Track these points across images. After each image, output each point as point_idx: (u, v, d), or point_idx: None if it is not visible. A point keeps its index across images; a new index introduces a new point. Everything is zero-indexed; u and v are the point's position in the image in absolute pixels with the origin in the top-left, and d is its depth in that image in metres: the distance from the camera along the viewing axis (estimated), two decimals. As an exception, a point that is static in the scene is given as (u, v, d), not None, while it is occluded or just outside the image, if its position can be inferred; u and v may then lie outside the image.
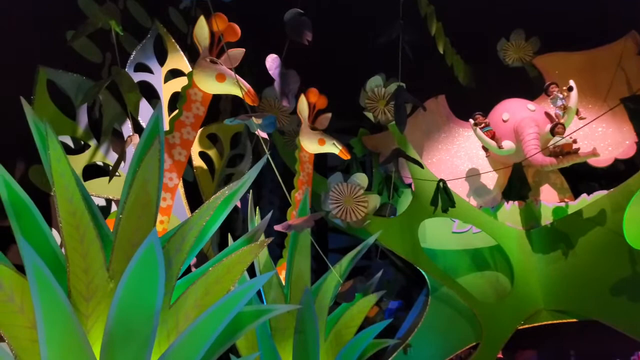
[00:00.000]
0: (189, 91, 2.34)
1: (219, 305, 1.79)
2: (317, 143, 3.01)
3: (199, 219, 1.95)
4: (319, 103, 3.08)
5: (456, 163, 4.39)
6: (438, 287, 4.04)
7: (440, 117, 4.57)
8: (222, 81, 2.32)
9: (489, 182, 4.27)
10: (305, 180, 3.03)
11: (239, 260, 1.96)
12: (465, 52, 4.60)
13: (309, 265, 2.74)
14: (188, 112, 2.32)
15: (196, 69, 2.34)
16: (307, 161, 3.06)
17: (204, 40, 2.34)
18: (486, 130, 4.04)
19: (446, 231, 4.23)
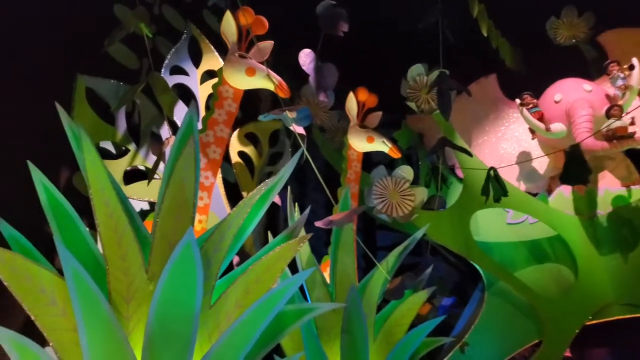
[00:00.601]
0: (220, 88, 2.30)
1: (260, 304, 1.74)
2: (365, 141, 2.93)
3: (237, 217, 1.90)
4: (369, 102, 3.01)
5: (504, 147, 4.16)
6: (494, 282, 3.83)
7: (489, 98, 4.33)
8: (252, 75, 2.26)
9: (540, 166, 4.02)
10: (353, 178, 2.94)
11: (278, 257, 1.90)
12: (511, 34, 4.37)
13: (353, 262, 2.65)
14: (220, 110, 2.28)
15: (225, 65, 2.30)
16: (355, 159, 2.98)
17: (232, 35, 2.30)
18: (534, 111, 3.80)
19: (500, 223, 4.01)
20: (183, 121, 1.95)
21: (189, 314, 1.64)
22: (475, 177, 3.52)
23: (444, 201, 3.82)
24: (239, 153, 2.99)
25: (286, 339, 2.32)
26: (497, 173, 3.21)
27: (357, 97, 2.97)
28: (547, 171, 4.00)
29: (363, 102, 3.00)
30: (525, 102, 3.84)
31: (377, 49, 4.14)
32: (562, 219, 3.72)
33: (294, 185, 4.62)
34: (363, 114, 3.03)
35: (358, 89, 2.97)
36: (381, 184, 3.38)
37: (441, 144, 3.44)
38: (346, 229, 2.64)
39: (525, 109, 3.79)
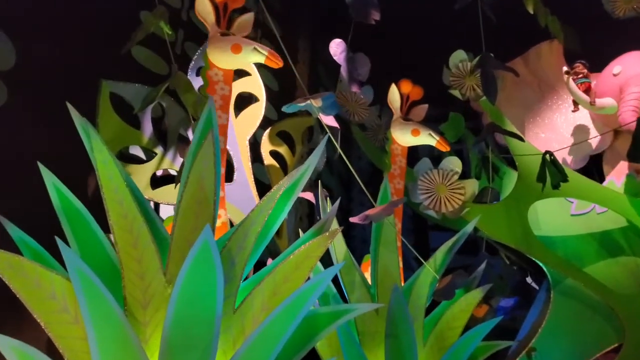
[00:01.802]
0: (209, 73, 2.17)
1: (286, 305, 1.59)
2: (410, 134, 2.73)
3: (261, 213, 1.77)
4: (413, 94, 2.83)
5: (555, 122, 3.79)
6: (561, 279, 3.47)
7: (551, 68, 3.96)
8: (238, 52, 2.11)
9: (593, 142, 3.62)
10: (397, 174, 2.75)
11: (307, 254, 1.74)
12: (560, 14, 4.03)
13: (396, 260, 2.44)
14: (214, 96, 2.15)
15: (209, 47, 2.17)
16: (400, 154, 2.80)
17: (208, 14, 2.17)
18: (581, 82, 3.43)
19: (563, 214, 3.65)
20: (202, 116, 1.85)
21: (209, 318, 1.51)
22: (531, 164, 3.21)
23: (498, 193, 3.52)
24: (271, 153, 2.87)
25: (323, 345, 2.15)
26: (554, 157, 2.90)
27: (400, 89, 2.78)
28: (589, 146, 3.61)
29: (407, 95, 2.81)
30: (575, 70, 3.48)
31: (412, 37, 3.92)
32: (636, 206, 3.32)
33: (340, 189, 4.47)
34: (407, 107, 2.83)
35: (401, 80, 2.81)
36: (427, 177, 3.16)
37: (489, 130, 3.17)
38: (387, 225, 2.44)
39: (572, 79, 3.43)
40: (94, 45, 2.30)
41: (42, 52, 2.09)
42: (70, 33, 2.25)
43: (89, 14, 2.33)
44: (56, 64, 2.16)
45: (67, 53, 2.21)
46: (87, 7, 2.32)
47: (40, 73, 2.05)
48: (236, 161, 2.63)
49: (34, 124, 1.95)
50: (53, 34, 2.19)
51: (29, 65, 1.99)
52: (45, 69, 2.09)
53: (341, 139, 3.20)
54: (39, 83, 2.01)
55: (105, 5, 2.40)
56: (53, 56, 2.14)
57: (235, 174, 2.62)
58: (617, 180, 3.42)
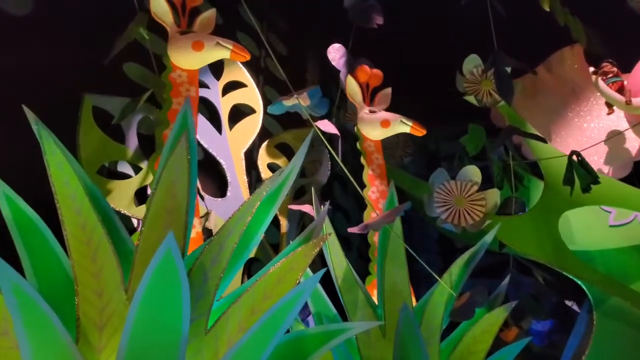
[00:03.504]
0: (171, 76, 2.04)
1: (262, 323, 1.37)
2: (379, 126, 2.47)
3: (238, 223, 1.57)
4: (373, 80, 2.56)
5: (587, 128, 3.49)
6: (604, 299, 3.11)
7: (576, 73, 3.69)
8: (200, 49, 1.97)
9: (631, 146, 3.29)
10: (377, 174, 2.50)
11: (290, 267, 1.52)
12: (578, 10, 3.80)
13: (406, 276, 2.18)
14: (179, 98, 2.02)
15: (169, 48, 2.04)
16: (375, 151, 2.54)
17: (165, 14, 2.05)
18: (612, 82, 3.14)
19: (601, 226, 3.30)
20: (177, 118, 1.70)
21: (173, 341, 1.31)
22: (559, 169, 2.92)
23: (523, 203, 3.22)
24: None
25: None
26: (583, 157, 2.62)
27: (357, 79, 2.53)
28: (631, 151, 3.29)
29: (366, 82, 2.56)
30: (604, 70, 3.21)
31: (419, 41, 3.74)
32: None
33: (355, 210, 4.24)
34: (370, 96, 2.60)
35: (357, 68, 2.53)
36: (444, 189, 2.89)
37: (507, 133, 2.92)
38: (393, 237, 2.20)
39: (601, 79, 3.16)
40: (78, 57, 2.23)
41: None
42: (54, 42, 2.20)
43: (72, 24, 2.27)
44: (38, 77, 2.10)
45: (50, 65, 2.15)
46: (72, 16, 2.27)
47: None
48: (230, 175, 2.47)
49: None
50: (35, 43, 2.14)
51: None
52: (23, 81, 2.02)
53: (349, 150, 3.02)
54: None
55: (90, 13, 2.32)
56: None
57: (228, 188, 2.45)
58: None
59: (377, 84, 2.64)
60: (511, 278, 3.16)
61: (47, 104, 2.08)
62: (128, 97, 2.26)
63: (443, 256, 4.72)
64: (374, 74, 2.61)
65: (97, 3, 2.34)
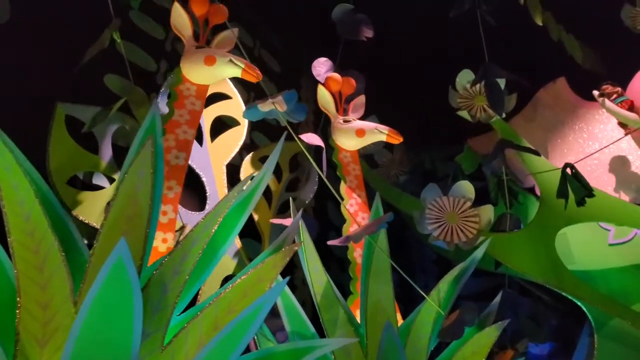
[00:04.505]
0: (179, 87, 2.02)
1: (221, 338, 1.26)
2: (355, 135, 2.38)
3: (204, 231, 1.47)
4: (345, 89, 2.48)
5: (596, 155, 3.41)
6: (605, 321, 2.96)
7: (564, 106, 3.65)
8: (212, 64, 1.96)
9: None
10: (355, 185, 2.39)
11: (258, 278, 1.42)
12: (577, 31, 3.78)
13: (391, 293, 2.05)
14: (181, 110, 1.99)
15: (183, 60, 2.04)
16: (351, 162, 2.44)
17: (185, 28, 2.03)
18: (620, 101, 3.09)
19: (600, 244, 3.18)
20: (144, 120, 1.62)
21: (122, 358, 1.19)
22: (554, 185, 2.82)
23: (518, 220, 3.10)
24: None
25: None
26: (577, 170, 2.52)
27: (329, 89, 2.45)
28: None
29: (338, 92, 2.47)
30: (607, 91, 3.15)
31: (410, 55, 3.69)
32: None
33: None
34: (343, 105, 2.50)
35: (327, 77, 2.45)
36: (436, 205, 2.78)
37: (500, 147, 2.82)
38: (378, 253, 2.08)
39: (608, 100, 3.10)
40: (53, 65, 2.18)
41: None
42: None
43: (48, 31, 2.23)
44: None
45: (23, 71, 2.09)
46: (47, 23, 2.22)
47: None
48: (209, 188, 2.37)
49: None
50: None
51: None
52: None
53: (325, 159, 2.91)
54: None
55: (67, 20, 2.28)
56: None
57: (207, 201, 2.35)
58: None
59: (350, 92, 2.54)
60: (508, 299, 3.02)
61: (20, 111, 2.03)
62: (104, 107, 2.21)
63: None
64: (346, 81, 2.51)
65: (74, 10, 2.30)
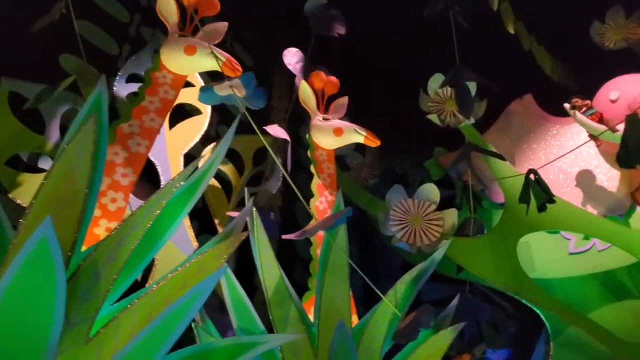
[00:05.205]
0: (155, 74, 1.94)
1: (151, 330, 1.15)
2: (332, 134, 2.35)
3: (144, 217, 1.38)
4: (328, 87, 2.45)
5: (564, 168, 3.44)
6: (561, 329, 2.99)
7: (531, 120, 3.69)
8: (192, 54, 1.89)
9: (611, 183, 3.25)
10: (328, 183, 2.36)
11: (199, 268, 1.32)
12: (547, 43, 3.83)
13: (347, 292, 1.99)
14: (153, 97, 1.90)
15: (163, 47, 1.96)
16: (326, 160, 2.41)
17: (171, 15, 1.96)
18: (590, 114, 3.13)
19: (561, 253, 3.21)
20: (87, 100, 1.51)
21: (38, 349, 1.08)
22: (518, 192, 2.82)
23: (482, 225, 3.09)
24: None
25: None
26: (539, 176, 2.51)
27: (312, 85, 2.41)
28: (623, 188, 3.22)
29: (321, 89, 2.44)
30: (577, 104, 3.19)
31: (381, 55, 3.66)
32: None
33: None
34: (325, 104, 2.47)
35: (312, 74, 2.43)
36: (400, 207, 2.75)
37: (466, 151, 2.81)
38: (336, 248, 2.01)
39: (579, 113, 3.13)
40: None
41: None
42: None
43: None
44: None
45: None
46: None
47: None
48: (164, 177, 2.27)
49: None
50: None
51: None
52: None
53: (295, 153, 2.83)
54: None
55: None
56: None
57: (160, 191, 2.24)
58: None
59: (333, 92, 2.52)
60: (468, 304, 3.01)
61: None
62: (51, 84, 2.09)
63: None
64: (329, 81, 2.49)
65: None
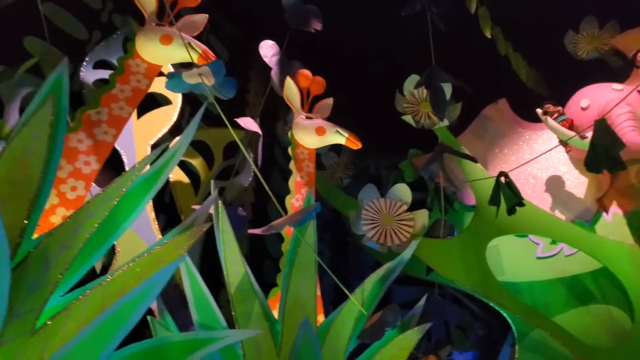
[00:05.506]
0: (128, 62, 1.88)
1: (102, 321, 1.10)
2: (314, 133, 2.34)
3: (102, 204, 1.32)
4: (314, 88, 2.43)
5: (535, 173, 3.49)
6: (527, 332, 3.02)
7: (505, 124, 3.73)
8: (167, 43, 1.84)
9: (578, 189, 3.31)
10: (305, 181, 2.33)
11: (158, 260, 1.27)
12: (524, 50, 3.90)
13: (314, 289, 1.96)
14: (124, 85, 1.83)
15: (139, 35, 1.91)
16: (307, 159, 2.39)
17: (149, 3, 1.91)
18: (561, 120, 3.18)
19: (529, 258, 3.26)
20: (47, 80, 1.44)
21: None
22: (489, 194, 2.84)
23: (452, 226, 3.11)
24: (180, 164, 2.45)
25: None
26: (510, 180, 2.53)
27: (298, 84, 2.40)
28: (590, 194, 3.27)
29: (307, 89, 2.42)
30: (550, 110, 3.24)
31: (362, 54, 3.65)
32: (607, 247, 2.93)
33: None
34: (310, 103, 2.46)
35: (298, 72, 2.42)
36: (372, 207, 2.72)
37: (439, 152, 2.81)
38: (304, 246, 1.98)
39: (551, 119, 3.18)
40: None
41: None
42: None
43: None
44: None
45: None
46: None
47: None
48: (129, 167, 2.20)
49: None
50: None
51: None
52: None
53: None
54: None
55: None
56: None
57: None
58: (608, 214, 3.10)
59: (319, 92, 2.51)
60: (436, 305, 3.02)
61: None
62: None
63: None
64: (316, 80, 2.48)
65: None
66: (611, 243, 2.93)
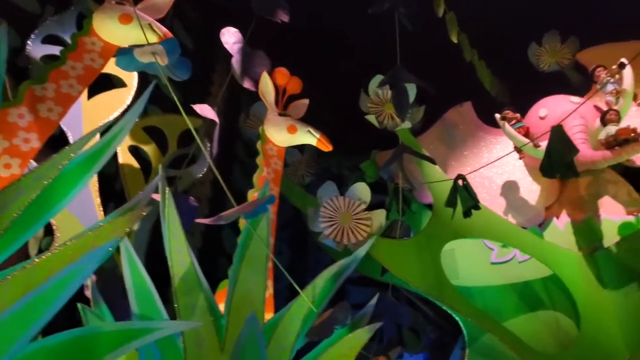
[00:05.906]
0: (84, 39, 1.79)
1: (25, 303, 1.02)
2: (285, 131, 2.31)
3: (35, 181, 1.23)
4: (291, 87, 2.41)
5: (492, 177, 3.55)
6: (477, 336, 3.03)
7: (467, 128, 3.79)
8: (126, 23, 1.77)
9: (530, 195, 3.39)
10: (271, 178, 2.29)
11: (92, 243, 1.19)
12: (489, 59, 3.96)
13: (263, 284, 1.90)
14: (76, 63, 1.75)
15: (96, 12, 1.83)
16: (275, 155, 2.35)
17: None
18: (518, 127, 3.25)
19: (483, 262, 3.29)
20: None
21: None
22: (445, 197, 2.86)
23: (408, 227, 3.11)
24: (130, 149, 2.35)
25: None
26: (468, 182, 2.56)
27: (275, 81, 2.37)
28: (541, 201, 3.35)
29: (283, 87, 2.40)
30: (508, 116, 3.31)
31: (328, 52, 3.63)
32: (557, 254, 3.01)
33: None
34: (284, 102, 2.43)
35: (276, 70, 2.40)
36: (331, 205, 2.69)
37: (399, 152, 2.81)
38: (256, 239, 1.92)
39: (508, 125, 3.24)
40: None
41: None
42: None
43: None
44: None
45: None
46: None
47: None
48: (76, 150, 2.09)
49: None
50: None
51: None
52: None
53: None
54: None
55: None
56: None
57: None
58: (560, 223, 3.18)
59: (295, 92, 2.48)
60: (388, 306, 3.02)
61: None
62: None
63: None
64: (293, 80, 2.45)
65: None
66: (561, 251, 3.01)
